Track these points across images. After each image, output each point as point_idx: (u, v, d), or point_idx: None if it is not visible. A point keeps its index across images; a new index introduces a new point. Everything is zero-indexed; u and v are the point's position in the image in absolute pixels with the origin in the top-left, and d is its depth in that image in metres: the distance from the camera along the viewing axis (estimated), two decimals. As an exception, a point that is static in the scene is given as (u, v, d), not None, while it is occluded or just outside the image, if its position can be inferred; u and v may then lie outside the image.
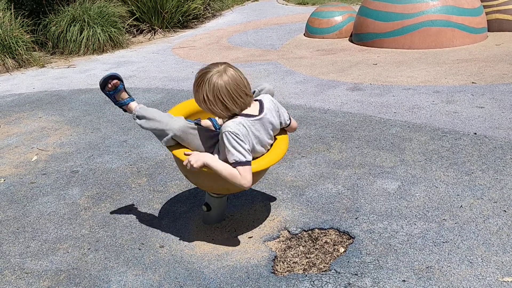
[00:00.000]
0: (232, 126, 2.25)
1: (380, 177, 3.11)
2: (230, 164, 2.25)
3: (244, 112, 2.34)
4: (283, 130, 2.58)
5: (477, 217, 2.59)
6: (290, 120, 2.56)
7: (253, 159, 2.35)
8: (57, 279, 2.39)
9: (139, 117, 2.50)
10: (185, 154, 2.37)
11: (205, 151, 2.40)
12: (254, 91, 2.56)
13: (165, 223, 2.81)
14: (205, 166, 2.27)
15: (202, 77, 2.29)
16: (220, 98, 2.26)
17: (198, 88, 2.31)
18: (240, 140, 2.24)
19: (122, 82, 2.62)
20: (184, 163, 2.30)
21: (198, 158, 2.28)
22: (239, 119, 2.30)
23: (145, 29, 9.77)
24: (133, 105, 2.62)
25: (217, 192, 2.62)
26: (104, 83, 2.58)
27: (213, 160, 2.28)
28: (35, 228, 2.89)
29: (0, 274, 2.47)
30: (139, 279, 2.34)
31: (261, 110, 2.39)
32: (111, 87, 2.59)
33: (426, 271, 2.20)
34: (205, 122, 2.66)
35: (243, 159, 2.24)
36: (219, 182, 2.37)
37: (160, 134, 2.42)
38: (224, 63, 2.33)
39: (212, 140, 2.45)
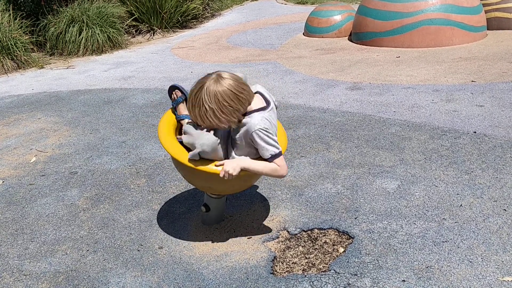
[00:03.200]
0: (259, 123, 2.25)
1: (379, 177, 3.10)
2: (266, 159, 2.28)
3: (254, 107, 2.32)
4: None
5: (477, 216, 2.58)
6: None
7: None
8: (55, 281, 2.39)
9: (184, 133, 2.40)
10: (216, 166, 2.30)
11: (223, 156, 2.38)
12: None
13: (164, 224, 2.81)
14: (242, 170, 2.27)
15: (198, 93, 2.23)
16: (227, 102, 2.21)
17: (199, 106, 2.22)
18: (270, 133, 2.27)
19: (184, 94, 2.59)
20: (222, 175, 2.24)
21: (234, 165, 2.25)
22: (259, 114, 2.29)
23: (144, 30, 9.76)
24: (184, 122, 2.55)
25: (220, 193, 2.61)
26: (169, 93, 2.66)
27: (249, 163, 2.29)
28: (33, 229, 2.88)
29: (-1, 276, 2.46)
30: (138, 281, 2.33)
31: (266, 100, 2.38)
32: (173, 98, 2.63)
33: (426, 271, 2.19)
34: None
35: (277, 151, 2.28)
36: (228, 184, 2.38)
37: (191, 148, 2.35)
38: (214, 72, 2.31)
39: (224, 143, 2.42)
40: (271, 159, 2.28)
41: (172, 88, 2.64)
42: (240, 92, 2.25)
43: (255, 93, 2.39)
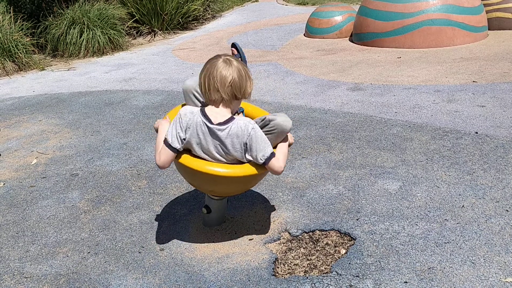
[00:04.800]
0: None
1: (381, 178, 3.10)
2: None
3: (208, 106, 2.39)
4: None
5: (479, 217, 2.57)
6: (267, 162, 2.31)
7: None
8: (56, 283, 2.38)
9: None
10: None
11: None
12: (264, 118, 2.45)
13: (165, 226, 2.80)
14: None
15: (217, 70, 2.31)
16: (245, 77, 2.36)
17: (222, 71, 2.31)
18: (176, 123, 2.34)
19: (240, 53, 2.92)
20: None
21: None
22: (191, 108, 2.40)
23: (145, 31, 9.77)
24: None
25: (222, 194, 2.61)
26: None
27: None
28: (34, 232, 2.87)
29: (0, 278, 2.45)
30: (139, 283, 2.32)
31: (226, 122, 2.32)
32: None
33: (428, 272, 2.18)
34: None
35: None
36: (231, 185, 2.43)
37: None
38: (218, 56, 2.38)
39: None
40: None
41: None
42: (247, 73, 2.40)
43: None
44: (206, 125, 2.32)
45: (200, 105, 2.52)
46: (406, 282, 2.14)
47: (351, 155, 3.47)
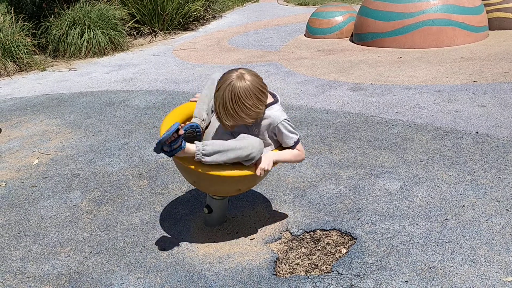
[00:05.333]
0: (282, 114, 2.40)
1: (382, 177, 3.10)
2: (290, 147, 2.45)
3: (269, 101, 2.41)
4: None
5: (480, 216, 2.58)
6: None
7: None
8: (58, 283, 2.39)
9: (208, 155, 2.29)
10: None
11: None
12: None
13: (167, 226, 2.81)
14: (274, 163, 2.42)
15: (230, 93, 2.25)
16: (257, 95, 2.29)
17: (237, 104, 2.25)
18: (291, 122, 2.43)
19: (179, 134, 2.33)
20: (259, 173, 2.33)
21: (268, 161, 2.37)
22: (276, 106, 2.43)
23: (146, 32, 9.77)
24: (191, 146, 2.29)
25: (223, 194, 2.61)
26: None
27: (278, 155, 2.43)
28: (36, 232, 2.88)
29: (2, 278, 2.46)
30: (141, 282, 2.33)
31: (271, 93, 2.46)
32: (173, 139, 2.25)
33: (428, 272, 2.19)
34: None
35: (298, 137, 2.46)
36: (233, 185, 2.44)
37: (245, 160, 2.32)
38: (231, 71, 2.34)
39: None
40: (294, 145, 2.45)
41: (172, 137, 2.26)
42: (263, 86, 2.35)
43: None
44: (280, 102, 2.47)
45: None
46: (407, 281, 2.14)
47: (352, 155, 3.47)
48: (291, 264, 2.36)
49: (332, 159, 3.45)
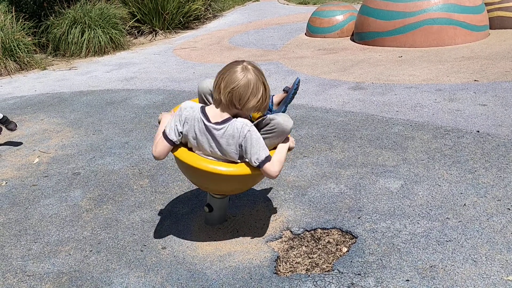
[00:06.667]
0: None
1: (382, 176, 3.10)
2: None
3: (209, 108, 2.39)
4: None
5: (481, 215, 2.57)
6: (261, 165, 2.29)
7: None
8: (59, 281, 2.39)
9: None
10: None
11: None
12: (265, 117, 2.43)
13: (167, 224, 2.80)
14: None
15: (244, 80, 2.28)
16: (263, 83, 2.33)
17: (252, 92, 2.28)
18: (176, 116, 2.38)
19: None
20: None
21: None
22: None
23: (146, 31, 9.77)
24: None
25: (224, 193, 2.61)
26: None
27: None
28: (37, 230, 2.88)
29: (2, 277, 2.46)
30: (141, 281, 2.33)
31: (223, 122, 2.32)
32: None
33: (429, 270, 2.19)
34: None
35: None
36: (237, 184, 2.46)
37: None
38: (236, 63, 2.36)
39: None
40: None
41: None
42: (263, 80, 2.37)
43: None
44: (204, 122, 2.32)
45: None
46: (407, 280, 2.14)
47: (352, 154, 3.47)
48: (291, 263, 2.36)
49: (333, 158, 3.44)
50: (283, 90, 2.73)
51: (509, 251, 2.26)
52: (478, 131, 3.63)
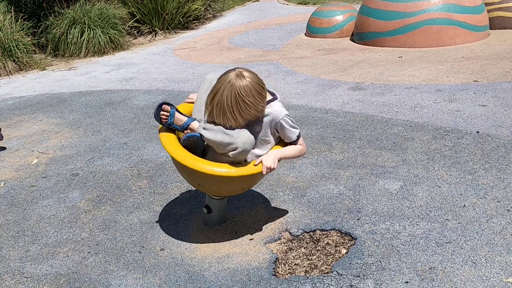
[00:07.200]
0: (283, 110, 2.42)
1: (382, 177, 3.09)
2: (292, 142, 2.46)
3: (269, 98, 2.44)
4: None
5: (481, 216, 2.56)
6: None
7: None
8: (57, 283, 2.38)
9: (205, 128, 2.39)
10: (254, 165, 2.38)
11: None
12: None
13: (166, 226, 2.79)
14: (279, 160, 2.44)
15: (230, 91, 2.27)
16: (258, 90, 2.31)
17: (236, 103, 2.27)
18: (291, 117, 2.45)
19: (173, 106, 2.51)
20: (264, 172, 2.36)
21: (272, 158, 2.39)
22: (277, 103, 2.44)
23: (146, 31, 9.76)
24: (195, 123, 2.48)
25: (223, 194, 2.60)
26: (157, 115, 2.49)
27: (282, 152, 2.45)
28: (35, 232, 2.87)
29: (0, 279, 2.45)
30: (140, 283, 2.32)
31: (269, 91, 2.47)
32: (165, 117, 2.48)
33: (429, 272, 2.18)
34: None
35: (299, 131, 2.48)
36: (234, 184, 2.44)
37: (227, 147, 2.35)
38: (230, 71, 2.35)
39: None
40: (297, 140, 2.46)
41: (159, 110, 2.49)
42: (262, 82, 2.37)
43: None
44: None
45: None
46: (407, 282, 2.13)
47: (352, 155, 3.46)
48: (290, 265, 2.35)
49: (332, 158, 3.43)
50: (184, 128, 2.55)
51: (509, 253, 2.25)
52: (478, 132, 3.62)
